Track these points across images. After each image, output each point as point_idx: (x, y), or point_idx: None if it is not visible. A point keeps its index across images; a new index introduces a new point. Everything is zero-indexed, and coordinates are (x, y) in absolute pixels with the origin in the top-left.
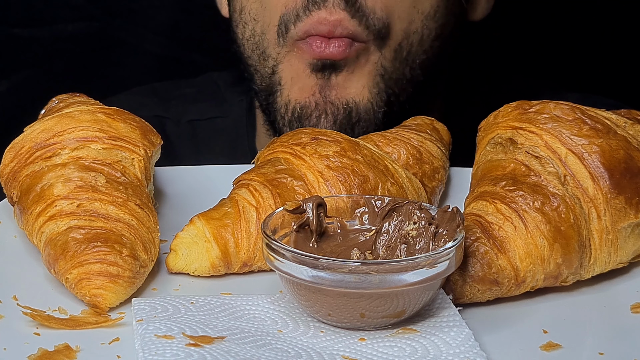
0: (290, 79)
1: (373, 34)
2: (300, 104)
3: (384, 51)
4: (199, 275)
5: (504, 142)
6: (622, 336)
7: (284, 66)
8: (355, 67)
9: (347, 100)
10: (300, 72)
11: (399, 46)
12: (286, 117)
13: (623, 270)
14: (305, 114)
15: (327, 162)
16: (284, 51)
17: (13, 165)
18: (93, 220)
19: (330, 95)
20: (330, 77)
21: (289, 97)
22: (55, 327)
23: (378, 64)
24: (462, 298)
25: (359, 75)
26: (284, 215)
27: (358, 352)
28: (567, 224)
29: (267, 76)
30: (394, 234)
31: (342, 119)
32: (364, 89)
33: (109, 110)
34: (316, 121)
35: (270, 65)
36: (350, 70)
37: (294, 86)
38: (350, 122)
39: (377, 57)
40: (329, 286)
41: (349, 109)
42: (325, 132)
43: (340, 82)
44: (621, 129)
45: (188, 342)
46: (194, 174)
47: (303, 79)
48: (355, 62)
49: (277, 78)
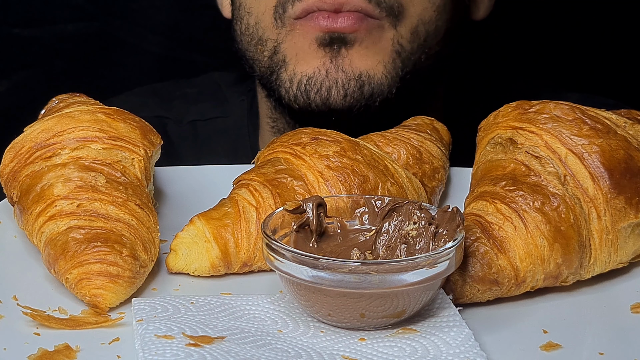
0: (295, 55)
1: (385, 10)
2: (306, 76)
3: (400, 29)
4: (199, 275)
5: (504, 142)
6: (622, 336)
7: (287, 45)
8: (370, 43)
9: (361, 72)
10: (305, 48)
11: (416, 30)
12: (291, 91)
13: (623, 270)
14: (313, 86)
15: (327, 162)
16: (285, 31)
17: (13, 165)
18: (93, 220)
19: (344, 64)
20: (340, 51)
21: (294, 70)
22: (55, 327)
23: (394, 40)
24: (462, 298)
25: (374, 51)
26: (284, 215)
27: (358, 352)
28: (567, 224)
29: (268, 57)
30: (394, 234)
31: (354, 92)
32: (379, 64)
33: (109, 110)
34: (326, 93)
35: (270, 47)
36: (364, 45)
37: (300, 61)
38: (362, 94)
39: (392, 34)
40: (329, 286)
41: (362, 82)
42: (325, 132)
43: (354, 55)
44: (621, 129)
45: (188, 342)
46: (194, 174)
47: (309, 53)
48: (368, 38)
49: (279, 57)
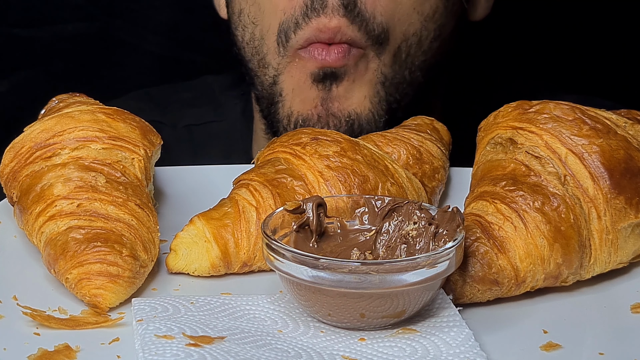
0: (291, 91)
1: (372, 39)
2: (302, 117)
3: (383, 57)
4: (199, 275)
5: (504, 142)
6: (622, 336)
7: (285, 77)
8: (356, 76)
9: (349, 112)
10: (301, 83)
11: (398, 49)
12: (289, 128)
13: (623, 270)
14: (307, 126)
15: (327, 162)
16: (285, 62)
17: (13, 165)
18: (93, 220)
19: (332, 108)
20: (331, 89)
21: (291, 109)
22: (55, 327)
23: (378, 71)
24: (462, 298)
25: (360, 84)
26: (284, 215)
27: (358, 352)
28: (567, 224)
29: (268, 85)
30: (394, 234)
31: (345, 131)
32: (365, 99)
33: (109, 110)
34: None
35: (271, 75)
36: (351, 79)
37: (295, 98)
38: (352, 133)
39: (376, 64)
40: (329, 286)
41: (351, 121)
42: (325, 132)
43: (342, 93)
44: (621, 129)
45: (188, 342)
46: (194, 174)
47: (305, 90)
48: (355, 70)
49: (278, 89)
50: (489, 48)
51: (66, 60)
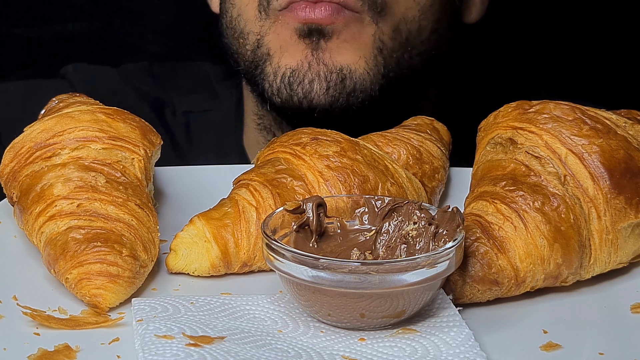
0: (279, 48)
1: (367, 4)
2: (291, 68)
3: (381, 25)
4: (199, 275)
5: (504, 142)
6: (622, 336)
7: (270, 37)
8: (348, 36)
9: (342, 66)
10: (287, 39)
11: (397, 28)
12: (275, 84)
13: (623, 270)
14: (296, 78)
15: (327, 162)
16: (268, 23)
17: (13, 165)
18: (93, 220)
19: (324, 57)
20: (319, 43)
21: (278, 63)
22: (55, 327)
23: (375, 36)
24: (462, 298)
25: (354, 45)
26: (284, 215)
27: (358, 352)
28: (567, 224)
29: (250, 51)
30: (394, 234)
31: (336, 85)
32: (361, 59)
33: (108, 110)
34: (309, 87)
35: (253, 41)
36: (342, 38)
37: (283, 53)
38: (344, 89)
39: (373, 29)
40: (329, 286)
41: (343, 76)
42: (325, 132)
43: (333, 47)
44: (621, 129)
45: (188, 342)
46: (194, 174)
47: (292, 45)
48: (346, 30)
49: (264, 50)
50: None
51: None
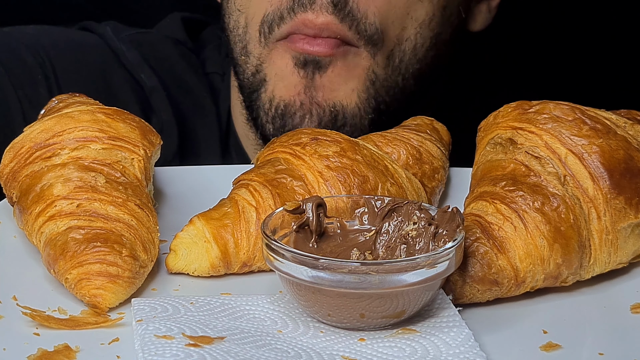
0: (274, 75)
1: (365, 39)
2: (284, 101)
3: (377, 58)
4: (199, 276)
5: (503, 142)
6: (622, 336)
7: (267, 65)
8: (343, 69)
9: (334, 103)
10: (283, 67)
11: (391, 53)
12: (270, 113)
13: (623, 270)
14: (289, 112)
15: (326, 162)
16: (266, 51)
17: (13, 165)
18: (93, 221)
19: (317, 96)
20: (314, 77)
21: (273, 93)
22: (55, 327)
23: (370, 70)
24: (462, 298)
25: (347, 78)
26: (284, 216)
27: (358, 352)
28: (567, 224)
29: (251, 74)
30: (393, 234)
31: (327, 121)
32: (353, 93)
33: (108, 110)
34: (300, 121)
35: (254, 64)
36: (337, 72)
37: (278, 82)
38: (335, 125)
39: (369, 63)
40: (329, 286)
41: (335, 112)
42: (325, 132)
43: (327, 84)
44: (621, 129)
45: (188, 342)
46: (194, 174)
47: (287, 76)
48: (342, 62)
49: (261, 76)
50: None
51: None
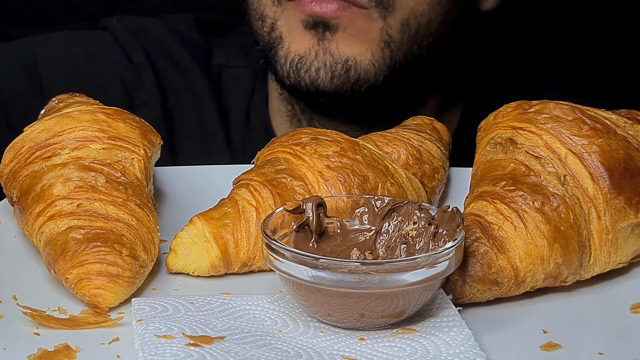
0: (289, 34)
1: (375, 0)
2: (299, 55)
3: (389, 20)
4: (199, 275)
5: (503, 142)
6: (622, 336)
7: (281, 23)
8: (354, 30)
9: (347, 57)
10: (294, 28)
11: (407, 22)
12: (285, 67)
13: (623, 270)
14: (304, 65)
15: (327, 162)
16: (280, 9)
17: (13, 165)
18: (93, 220)
19: (330, 47)
20: (325, 35)
21: (289, 48)
22: (55, 327)
23: (383, 31)
24: (462, 298)
25: (360, 39)
26: (284, 215)
27: (358, 352)
28: (567, 224)
29: (267, 34)
30: (393, 234)
31: (340, 74)
32: (367, 51)
33: (109, 110)
34: (315, 74)
35: (269, 24)
36: (348, 32)
37: (293, 40)
38: (348, 79)
39: (380, 24)
40: (329, 286)
41: (348, 66)
42: (325, 132)
43: (340, 39)
44: (621, 129)
45: (188, 342)
46: (194, 174)
47: (299, 34)
48: (352, 26)
49: (277, 33)
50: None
51: None
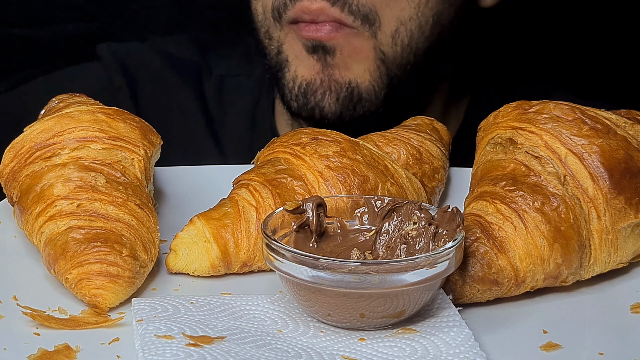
0: (295, 58)
1: (360, 19)
2: (306, 80)
3: (380, 37)
4: (199, 276)
5: (503, 142)
6: (622, 336)
7: (286, 47)
8: (350, 51)
9: (350, 80)
10: (299, 52)
11: (396, 32)
12: (294, 91)
13: (623, 270)
14: (310, 89)
15: (327, 162)
16: (283, 34)
17: (13, 165)
18: (93, 220)
19: (334, 74)
20: (326, 59)
21: (295, 73)
22: (55, 327)
23: (377, 49)
24: (462, 298)
25: (357, 60)
26: (284, 215)
27: (358, 352)
28: (567, 224)
29: (275, 55)
30: (393, 234)
31: (345, 97)
32: (365, 72)
33: (108, 110)
34: (321, 97)
35: (275, 46)
36: (346, 54)
37: (299, 64)
38: (352, 100)
39: (372, 43)
40: (329, 286)
41: (351, 89)
42: (325, 132)
43: (340, 64)
44: (621, 129)
45: (188, 342)
46: (194, 174)
47: (304, 59)
48: (347, 46)
49: (284, 57)
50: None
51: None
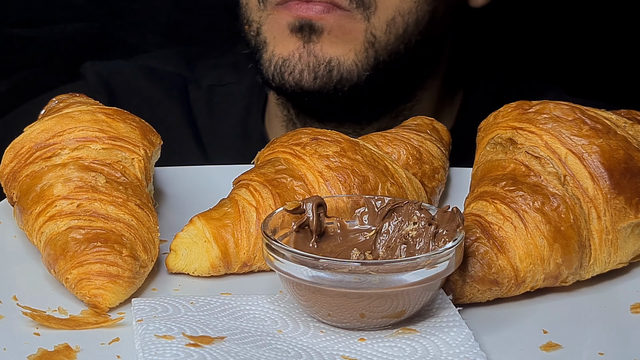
0: (273, 38)
1: (355, 2)
2: (282, 58)
3: (373, 21)
4: (199, 276)
5: (503, 142)
6: (622, 336)
7: (266, 27)
8: (339, 32)
9: (331, 58)
10: (280, 32)
11: (393, 21)
12: (269, 71)
13: (623, 270)
14: (287, 67)
15: (327, 162)
16: (265, 14)
17: (13, 165)
18: (93, 220)
19: (315, 49)
20: (310, 38)
21: (273, 52)
22: (55, 327)
23: (367, 32)
24: (462, 298)
25: (345, 40)
26: (284, 216)
27: (358, 352)
28: (567, 224)
29: (253, 38)
30: (393, 234)
31: (323, 75)
32: (350, 52)
33: (108, 110)
34: (299, 76)
35: (254, 28)
36: (333, 34)
37: (277, 44)
38: (331, 79)
39: (364, 25)
40: (329, 286)
41: (331, 67)
42: (325, 132)
43: (325, 41)
44: (621, 129)
45: (188, 342)
46: (194, 174)
47: (285, 38)
48: (337, 28)
49: (262, 38)
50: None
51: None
